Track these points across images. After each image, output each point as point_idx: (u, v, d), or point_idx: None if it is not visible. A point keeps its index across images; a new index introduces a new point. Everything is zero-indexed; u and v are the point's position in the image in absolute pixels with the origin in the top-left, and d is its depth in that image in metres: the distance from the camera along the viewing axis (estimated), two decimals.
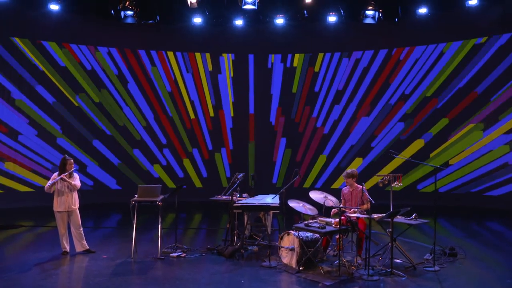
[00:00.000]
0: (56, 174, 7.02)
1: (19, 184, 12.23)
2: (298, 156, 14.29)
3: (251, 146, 14.47)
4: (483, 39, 12.25)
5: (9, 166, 12.16)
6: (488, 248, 7.92)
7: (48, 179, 11.90)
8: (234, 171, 14.03)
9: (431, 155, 12.98)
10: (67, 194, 6.95)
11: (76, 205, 7.07)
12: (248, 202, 7.30)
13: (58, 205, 6.93)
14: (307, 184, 14.15)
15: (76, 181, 7.06)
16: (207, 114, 14.25)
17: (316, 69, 14.06)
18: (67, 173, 6.94)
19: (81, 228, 7.10)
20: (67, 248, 7.04)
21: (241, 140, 14.46)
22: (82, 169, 12.68)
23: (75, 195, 7.09)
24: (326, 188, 13.83)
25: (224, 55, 14.24)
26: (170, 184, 13.90)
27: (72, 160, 7.07)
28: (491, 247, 7.98)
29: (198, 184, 14.29)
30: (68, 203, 6.95)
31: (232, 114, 14.36)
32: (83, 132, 13.10)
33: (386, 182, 6.44)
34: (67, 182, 6.94)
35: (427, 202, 11.84)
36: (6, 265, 6.39)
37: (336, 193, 12.03)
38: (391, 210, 6.40)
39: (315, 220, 6.57)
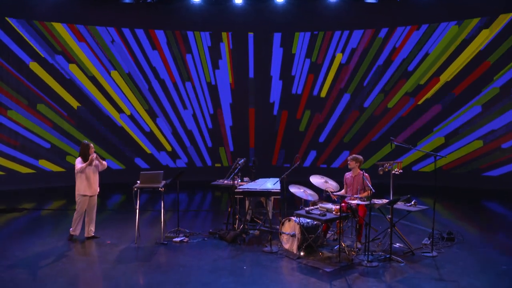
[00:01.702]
0: (79, 159, 7.00)
1: (20, 165, 12.27)
2: (299, 134, 14.33)
3: (251, 124, 14.48)
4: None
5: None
6: (485, 231, 8.04)
7: (49, 160, 12.02)
8: (234, 151, 14.26)
9: (433, 132, 13.03)
10: (94, 178, 7.07)
11: (98, 190, 7.22)
12: (249, 187, 7.36)
13: (87, 189, 7.01)
14: (308, 163, 14.23)
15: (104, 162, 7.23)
16: (206, 93, 14.18)
17: (316, 47, 13.93)
18: (94, 154, 7.01)
19: (95, 215, 7.24)
20: (78, 233, 7.14)
21: (241, 119, 14.46)
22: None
23: (98, 179, 7.21)
24: (327, 165, 14.00)
25: (224, 34, 14.07)
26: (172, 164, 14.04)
27: (92, 145, 7.14)
28: (488, 230, 8.10)
29: (198, 163, 14.38)
30: (95, 187, 7.11)
31: (231, 92, 14.32)
32: (83, 115, 13.06)
33: (386, 169, 6.48)
34: (99, 162, 7.08)
35: (426, 182, 12.09)
36: (11, 252, 6.49)
37: (337, 173, 12.21)
38: (391, 197, 6.50)
39: (316, 207, 6.66)
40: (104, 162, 7.21)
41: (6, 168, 12.03)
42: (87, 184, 6.99)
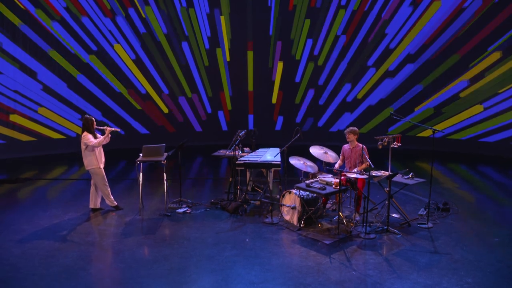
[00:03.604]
0: (89, 135, 7.03)
1: (21, 134, 12.30)
2: (298, 99, 14.32)
3: (250, 89, 14.43)
4: None
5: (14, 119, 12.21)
6: (480, 200, 8.26)
7: (50, 127, 12.01)
8: (233, 115, 14.29)
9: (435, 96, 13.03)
10: (101, 149, 7.23)
11: None
12: (250, 159, 7.47)
13: (100, 162, 7.19)
14: (305, 128, 14.30)
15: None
16: (204, 55, 13.97)
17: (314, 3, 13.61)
18: (111, 128, 7.16)
19: None
20: (115, 202, 7.44)
21: (240, 83, 14.38)
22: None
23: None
24: (325, 130, 14.10)
25: None
26: (170, 128, 14.09)
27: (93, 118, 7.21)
28: (482, 199, 8.32)
29: (197, 127, 14.43)
30: (103, 159, 7.28)
31: (228, 58, 14.15)
32: (82, 81, 12.94)
33: (386, 143, 6.57)
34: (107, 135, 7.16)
35: (423, 146, 12.26)
36: (19, 226, 6.66)
37: (336, 137, 12.31)
38: (389, 170, 6.63)
39: (316, 179, 6.81)
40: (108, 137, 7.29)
41: (6, 136, 12.06)
42: (99, 158, 7.14)
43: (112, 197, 7.39)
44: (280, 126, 14.56)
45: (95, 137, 7.08)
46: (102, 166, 7.21)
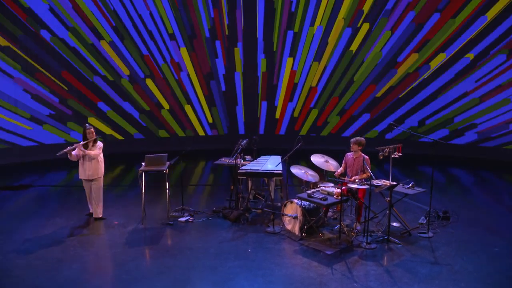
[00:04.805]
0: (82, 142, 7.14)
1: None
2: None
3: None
4: None
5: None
6: (480, 207, 8.28)
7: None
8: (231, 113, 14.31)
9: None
10: (88, 164, 7.16)
11: (97, 175, 7.25)
12: (252, 168, 7.53)
13: (81, 173, 7.24)
14: (303, 132, 14.27)
15: (95, 150, 7.16)
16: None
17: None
18: (82, 142, 7.09)
19: (100, 198, 7.39)
20: (90, 210, 7.50)
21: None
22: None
23: (97, 164, 7.21)
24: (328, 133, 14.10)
25: None
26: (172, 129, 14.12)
27: (92, 129, 7.16)
28: (483, 207, 8.36)
29: (201, 132, 14.42)
30: (89, 173, 7.18)
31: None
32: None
33: (386, 154, 6.63)
34: (82, 151, 7.05)
35: (421, 150, 12.24)
36: (22, 235, 6.70)
37: (337, 140, 12.22)
38: (390, 179, 6.69)
39: (317, 189, 6.87)
40: (88, 151, 7.08)
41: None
42: (81, 169, 7.19)
43: (88, 205, 7.50)
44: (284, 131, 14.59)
45: (86, 147, 7.12)
46: (85, 178, 7.20)
